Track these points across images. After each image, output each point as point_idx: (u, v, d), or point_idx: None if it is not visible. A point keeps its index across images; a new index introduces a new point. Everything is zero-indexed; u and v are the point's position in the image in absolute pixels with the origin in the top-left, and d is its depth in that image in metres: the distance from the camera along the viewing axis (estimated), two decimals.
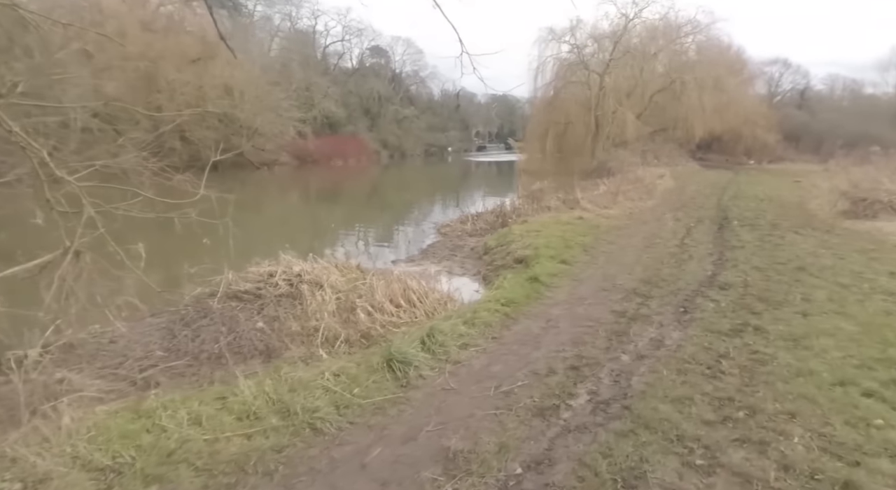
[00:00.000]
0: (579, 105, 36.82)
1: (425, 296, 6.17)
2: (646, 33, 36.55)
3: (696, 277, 6.60)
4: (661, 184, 18.42)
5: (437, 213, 17.95)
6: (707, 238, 9.33)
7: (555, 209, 11.95)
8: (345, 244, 12.82)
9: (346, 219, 18.46)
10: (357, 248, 12.18)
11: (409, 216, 17.37)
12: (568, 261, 7.24)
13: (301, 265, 7.24)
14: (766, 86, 53.75)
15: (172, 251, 9.38)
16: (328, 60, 61.01)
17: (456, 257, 9.51)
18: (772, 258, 7.58)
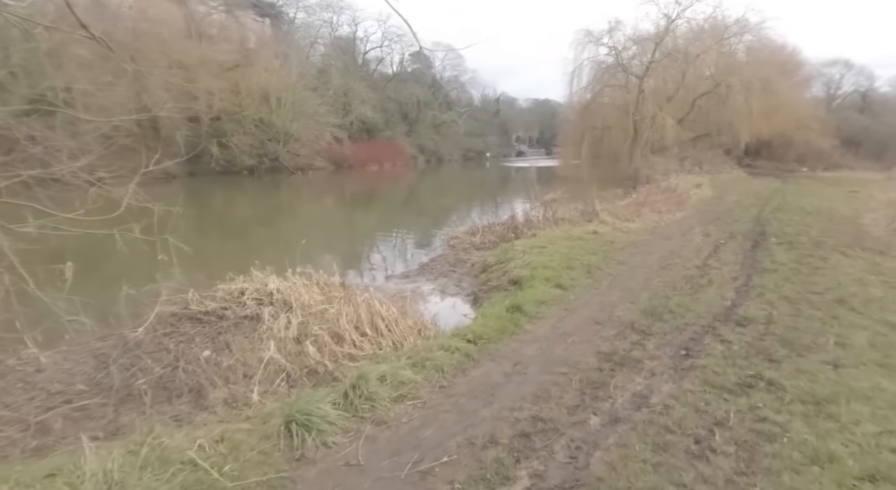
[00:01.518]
0: (617, 109, 35.44)
1: (395, 323, 5.50)
2: (689, 34, 34.88)
3: (710, 309, 5.66)
4: (697, 193, 17.13)
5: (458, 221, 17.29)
6: (735, 258, 8.28)
7: (570, 221, 11.07)
8: (346, 254, 12.33)
9: (360, 226, 18.06)
10: (357, 259, 11.66)
11: (425, 223, 16.73)
12: (564, 285, 6.41)
13: (275, 282, 6.72)
14: (825, 88, 50.75)
15: (143, 265, 9.19)
16: (368, 66, 61.58)
17: (455, 274, 8.81)
18: (807, 286, 6.52)
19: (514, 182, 40.85)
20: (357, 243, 14.19)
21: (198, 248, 13.33)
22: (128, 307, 5.80)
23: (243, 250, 12.72)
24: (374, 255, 12.52)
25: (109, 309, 5.78)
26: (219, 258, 11.38)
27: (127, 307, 5.79)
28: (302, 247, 12.63)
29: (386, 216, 20.41)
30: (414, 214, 20.54)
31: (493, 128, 76.68)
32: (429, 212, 21.01)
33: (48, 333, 4.98)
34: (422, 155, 57.67)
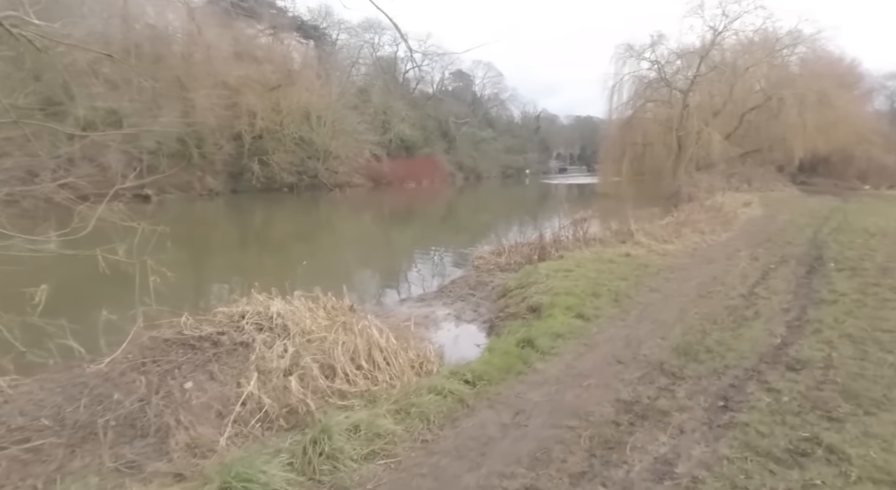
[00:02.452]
0: (660, 125, 34.31)
1: (394, 356, 4.99)
2: (738, 47, 33.56)
3: (756, 347, 4.89)
4: (745, 212, 15.98)
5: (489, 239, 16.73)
6: (787, 286, 7.37)
7: (602, 242, 10.34)
8: (368, 274, 11.98)
9: (389, 244, 17.76)
10: (378, 280, 11.27)
11: (455, 242, 16.22)
12: (587, 315, 5.75)
13: (278, 306, 6.36)
14: (888, 102, 47.88)
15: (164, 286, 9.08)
16: (408, 85, 62.50)
17: (473, 297, 8.24)
18: (874, 321, 5.62)
19: (553, 199, 39.99)
20: (382, 262, 13.84)
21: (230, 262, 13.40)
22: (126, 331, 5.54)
23: (277, 266, 12.64)
24: (396, 275, 12.10)
25: (110, 332, 5.55)
26: (250, 272, 11.29)
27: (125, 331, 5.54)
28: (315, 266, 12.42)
29: (417, 234, 20.07)
30: (445, 232, 20.13)
31: (533, 145, 76.51)
32: (460, 229, 20.55)
33: (20, 360, 4.71)
34: (460, 172, 57.78)
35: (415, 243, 16.92)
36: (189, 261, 13.63)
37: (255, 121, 35.34)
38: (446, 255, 13.82)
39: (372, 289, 10.38)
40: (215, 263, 13.34)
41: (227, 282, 10.98)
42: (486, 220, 23.39)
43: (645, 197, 26.00)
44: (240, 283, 10.47)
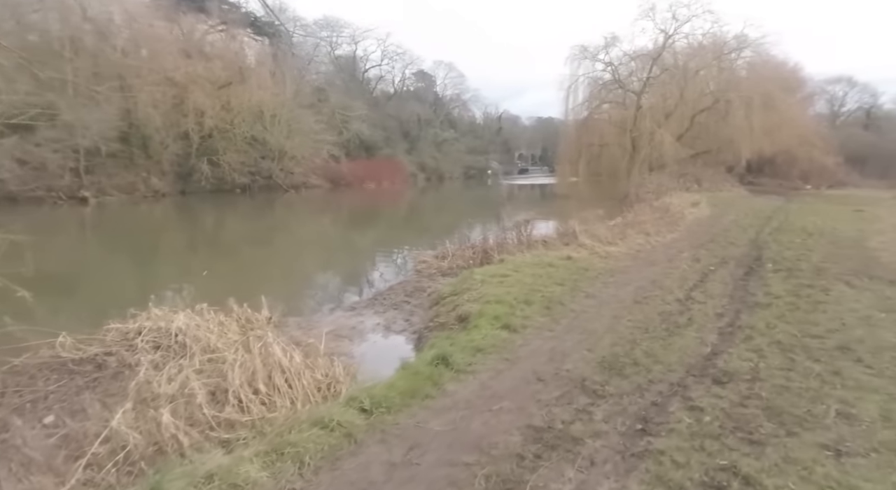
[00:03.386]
0: (615, 126, 34.75)
1: (298, 377, 4.49)
2: (688, 50, 34.26)
3: (685, 358, 4.63)
4: (692, 213, 16.11)
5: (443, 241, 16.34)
6: (724, 289, 7.24)
7: (547, 244, 10.07)
8: (305, 280, 11.37)
9: (336, 247, 17.10)
10: (312, 287, 10.70)
11: (405, 243, 15.71)
12: (514, 325, 5.39)
13: (182, 320, 5.78)
14: (829, 105, 50.11)
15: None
16: (368, 84, 61.65)
17: (408, 305, 7.80)
18: (805, 326, 5.47)
19: (516, 200, 39.95)
20: (327, 267, 13.22)
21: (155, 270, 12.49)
22: None
23: (212, 273, 11.83)
24: (337, 280, 11.55)
25: None
26: (175, 281, 10.44)
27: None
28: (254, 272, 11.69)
29: (372, 236, 19.46)
30: (401, 234, 19.56)
31: (495, 146, 76.83)
32: (417, 231, 20.03)
33: None
34: (422, 173, 57.42)
35: (367, 246, 16.34)
36: (104, 269, 12.68)
37: (203, 119, 33.90)
38: (395, 259, 13.32)
39: (306, 296, 9.81)
40: (138, 272, 12.41)
41: (145, 292, 10.17)
42: (445, 221, 22.86)
43: (600, 197, 26.17)
44: (162, 293, 9.72)
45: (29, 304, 4.96)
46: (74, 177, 28.47)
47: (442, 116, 67.64)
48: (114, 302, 9.53)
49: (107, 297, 9.90)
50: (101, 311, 6.71)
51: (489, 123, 79.91)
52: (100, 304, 8.55)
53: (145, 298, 5.95)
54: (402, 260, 12.70)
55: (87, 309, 8.51)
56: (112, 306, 7.91)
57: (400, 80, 65.32)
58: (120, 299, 9.82)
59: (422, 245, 13.75)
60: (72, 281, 11.04)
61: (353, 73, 59.77)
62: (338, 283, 11.29)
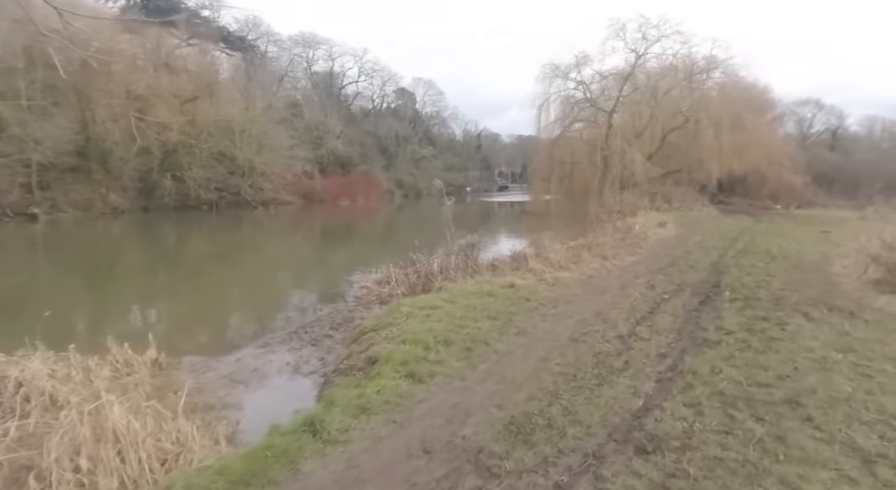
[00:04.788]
0: (587, 144, 34.64)
1: (135, 447, 3.65)
2: (658, 70, 34.42)
3: (610, 418, 3.91)
4: (658, 233, 15.64)
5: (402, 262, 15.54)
6: (674, 322, 6.59)
7: (494, 269, 9.37)
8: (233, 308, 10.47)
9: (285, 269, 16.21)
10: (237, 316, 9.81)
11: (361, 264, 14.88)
12: (421, 373, 4.62)
13: (35, 367, 4.91)
14: (797, 126, 51.04)
15: None
16: (344, 101, 61.24)
17: (329, 340, 7.00)
18: (753, 371, 4.81)
19: (497, 216, 39.43)
20: (268, 292, 12.32)
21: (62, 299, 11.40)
22: None
23: (129, 301, 10.82)
24: (267, 308, 10.64)
25: None
26: (84, 312, 9.37)
27: None
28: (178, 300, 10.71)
29: (329, 257, 18.60)
30: (364, 254, 18.73)
31: (474, 163, 77.01)
32: (382, 251, 19.20)
33: None
34: (399, 189, 57.02)
35: (323, 268, 15.47)
36: (30, 292, 11.62)
37: (167, 134, 32.86)
38: (344, 282, 12.47)
39: (227, 327, 8.94)
40: (59, 295, 11.35)
41: (64, 318, 9.14)
42: (415, 239, 21.79)
43: (571, 216, 25.79)
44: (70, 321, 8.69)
45: None
46: (25, 192, 27.21)
47: (421, 133, 67.59)
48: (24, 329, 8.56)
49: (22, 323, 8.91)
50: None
51: (468, 141, 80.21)
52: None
53: (63, 325, 5.09)
54: (350, 284, 11.89)
55: None
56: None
57: (379, 97, 65.09)
58: (58, 321, 8.88)
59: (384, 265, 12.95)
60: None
61: (330, 89, 59.36)
62: (269, 310, 10.39)
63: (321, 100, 54.66)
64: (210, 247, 20.78)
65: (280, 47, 53.87)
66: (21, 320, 9.13)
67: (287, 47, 54.67)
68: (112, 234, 25.07)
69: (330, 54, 58.77)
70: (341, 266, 15.09)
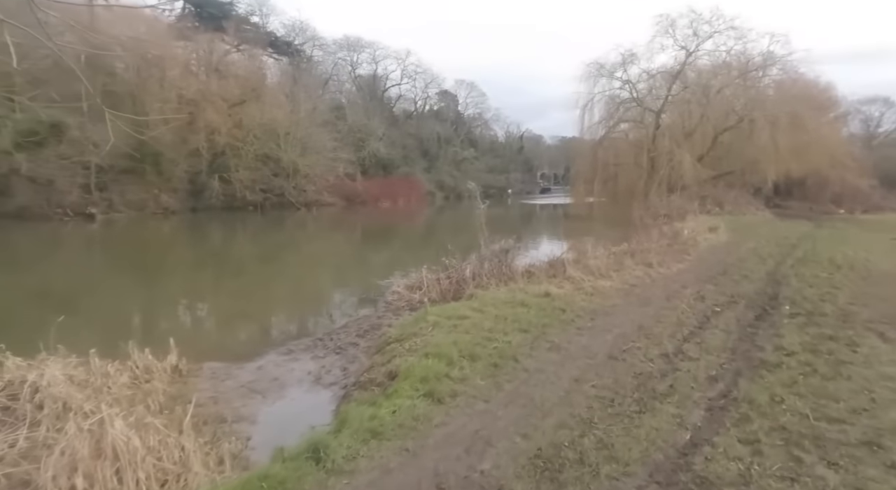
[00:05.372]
0: (632, 146, 33.51)
1: (133, 466, 3.44)
2: (710, 68, 32.92)
3: (651, 453, 3.43)
4: (708, 239, 14.72)
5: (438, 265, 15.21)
6: (726, 340, 5.97)
7: (530, 275, 8.91)
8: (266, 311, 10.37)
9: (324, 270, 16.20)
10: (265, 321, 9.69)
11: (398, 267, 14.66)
12: (441, 393, 4.25)
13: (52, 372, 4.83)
14: (864, 126, 47.92)
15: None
16: (387, 103, 61.85)
17: (355, 348, 6.73)
18: (822, 402, 4.20)
19: (537, 219, 38.73)
20: (302, 294, 12.26)
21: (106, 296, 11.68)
22: None
23: (171, 300, 11.02)
24: (298, 311, 10.54)
25: None
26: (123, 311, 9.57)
27: None
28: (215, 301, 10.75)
29: (364, 258, 18.53)
30: (403, 255, 18.58)
31: (516, 165, 76.34)
32: (416, 253, 18.98)
33: None
34: (440, 191, 57.06)
35: (360, 270, 15.36)
36: (91, 287, 12.04)
37: (215, 137, 33.90)
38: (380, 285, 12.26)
39: (252, 331, 8.84)
40: (121, 292, 11.66)
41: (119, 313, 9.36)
42: (455, 241, 21.51)
43: (614, 219, 24.90)
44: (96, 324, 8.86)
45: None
46: (84, 193, 28.51)
47: (462, 135, 67.46)
48: (85, 323, 8.79)
49: (83, 317, 9.19)
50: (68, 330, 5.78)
51: (511, 142, 79.62)
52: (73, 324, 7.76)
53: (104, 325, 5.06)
54: (383, 288, 11.65)
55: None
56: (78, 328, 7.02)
57: (421, 99, 65.34)
58: (93, 320, 9.14)
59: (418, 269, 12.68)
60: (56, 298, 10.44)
61: (373, 91, 60.07)
62: (301, 313, 10.29)
63: (364, 102, 55.37)
64: (253, 247, 21.14)
65: (325, 51, 54.85)
66: (78, 316, 9.46)
67: (332, 51, 55.65)
68: (163, 233, 25.97)
69: (374, 57, 59.44)
70: (378, 268, 14.89)
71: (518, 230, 26.29)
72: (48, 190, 27.06)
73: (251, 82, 38.45)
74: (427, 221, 35.97)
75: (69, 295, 11.27)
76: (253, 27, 46.00)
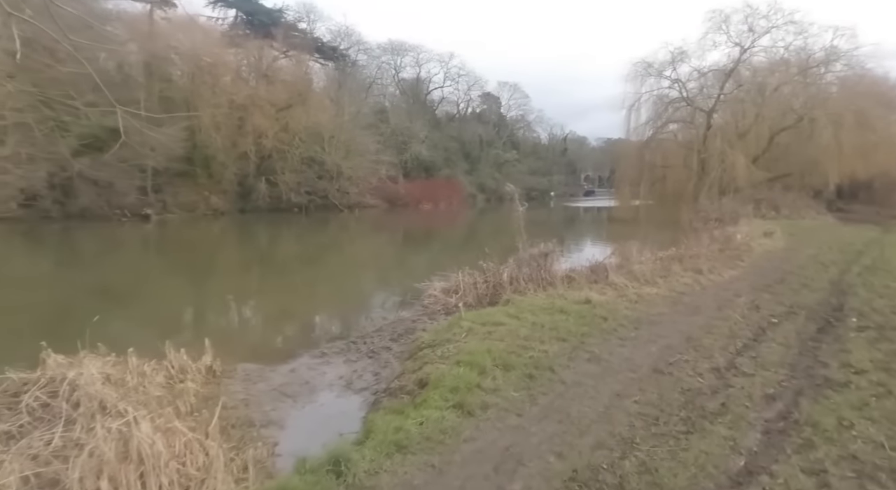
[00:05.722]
0: (681, 147, 32.32)
1: (156, 470, 3.39)
2: (767, 65, 31.36)
3: (700, 481, 3.11)
4: (763, 245, 13.88)
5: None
6: (784, 354, 5.49)
7: (570, 281, 8.56)
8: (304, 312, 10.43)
9: (363, 271, 16.28)
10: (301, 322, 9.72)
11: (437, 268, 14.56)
12: (472, 404, 4.03)
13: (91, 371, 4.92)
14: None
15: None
16: (430, 106, 62.18)
17: (388, 352, 6.60)
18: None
19: (580, 222, 37.95)
20: (341, 295, 12.31)
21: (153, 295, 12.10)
22: None
23: (219, 298, 11.35)
24: (336, 312, 10.56)
25: None
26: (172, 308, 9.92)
27: None
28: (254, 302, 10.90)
29: (404, 260, 18.55)
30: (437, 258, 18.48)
31: (559, 167, 75.32)
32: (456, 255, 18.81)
33: None
34: (482, 194, 56.90)
35: (400, 272, 15.40)
36: (152, 286, 12.61)
37: (262, 140, 34.91)
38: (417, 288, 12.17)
39: (290, 331, 8.89)
40: (180, 290, 12.14)
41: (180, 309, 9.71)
42: (497, 244, 21.21)
43: (661, 223, 24.02)
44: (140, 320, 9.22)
45: None
46: (141, 195, 29.86)
47: (505, 137, 67.08)
48: (148, 320, 9.20)
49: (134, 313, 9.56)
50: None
51: (554, 144, 78.59)
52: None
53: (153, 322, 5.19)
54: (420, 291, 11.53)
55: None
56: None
57: (464, 102, 65.33)
58: (144, 317, 9.55)
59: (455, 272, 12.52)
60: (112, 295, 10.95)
61: (416, 94, 60.52)
62: (339, 315, 10.30)
63: (407, 105, 55.84)
64: (298, 248, 21.58)
65: (369, 55, 55.64)
66: (131, 312, 9.87)
67: (376, 55, 56.39)
68: (212, 233, 26.88)
69: (417, 61, 59.90)
70: (418, 270, 14.79)
71: (560, 233, 25.74)
72: (108, 192, 28.51)
73: (298, 87, 39.36)
74: (468, 224, 35.76)
75: (124, 292, 11.81)
76: (301, 33, 47.18)
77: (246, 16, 46.55)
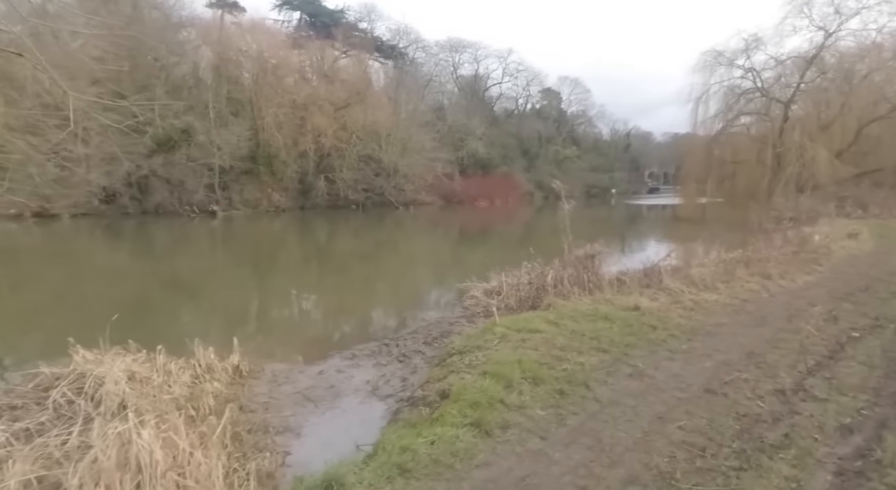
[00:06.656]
0: (754, 141, 30.17)
1: (155, 479, 3.27)
2: (854, 50, 28.61)
3: None
4: (846, 247, 12.52)
5: None
6: (865, 376, 4.73)
7: (620, 285, 7.95)
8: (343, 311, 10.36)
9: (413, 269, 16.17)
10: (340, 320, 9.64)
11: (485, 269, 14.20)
12: (491, 423, 3.65)
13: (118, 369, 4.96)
14: None
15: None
16: (488, 102, 61.72)
17: (419, 356, 6.34)
18: None
19: (643, 221, 36.36)
20: (389, 293, 12.27)
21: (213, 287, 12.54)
22: None
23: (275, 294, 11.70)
24: (377, 309, 10.45)
25: None
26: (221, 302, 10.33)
27: None
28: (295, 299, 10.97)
29: (457, 258, 18.32)
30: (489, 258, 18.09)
31: (622, 163, 72.93)
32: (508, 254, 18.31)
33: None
34: (540, 191, 55.94)
35: (451, 270, 15.15)
36: (218, 280, 13.29)
37: (322, 139, 35.77)
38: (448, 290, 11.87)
39: (328, 329, 8.83)
40: (245, 284, 12.70)
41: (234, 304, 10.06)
42: (551, 245, 20.47)
43: (729, 222, 22.42)
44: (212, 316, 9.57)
45: None
46: (209, 192, 31.36)
47: (565, 133, 65.57)
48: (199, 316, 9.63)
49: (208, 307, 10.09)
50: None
51: (616, 140, 76.01)
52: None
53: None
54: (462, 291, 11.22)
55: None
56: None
57: (523, 98, 64.31)
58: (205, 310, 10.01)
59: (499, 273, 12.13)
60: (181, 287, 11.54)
61: (474, 91, 60.19)
62: (381, 313, 10.20)
63: (465, 102, 55.60)
64: (354, 244, 21.97)
65: (428, 53, 55.87)
66: (197, 304, 10.33)
67: (434, 53, 56.55)
68: (274, 229, 27.83)
69: (475, 57, 59.51)
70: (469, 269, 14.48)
71: (620, 233, 24.62)
72: (179, 189, 30.24)
73: (357, 86, 40.05)
74: (524, 222, 35.03)
75: (191, 285, 12.60)
76: (361, 33, 48.07)
77: (309, 17, 47.85)
